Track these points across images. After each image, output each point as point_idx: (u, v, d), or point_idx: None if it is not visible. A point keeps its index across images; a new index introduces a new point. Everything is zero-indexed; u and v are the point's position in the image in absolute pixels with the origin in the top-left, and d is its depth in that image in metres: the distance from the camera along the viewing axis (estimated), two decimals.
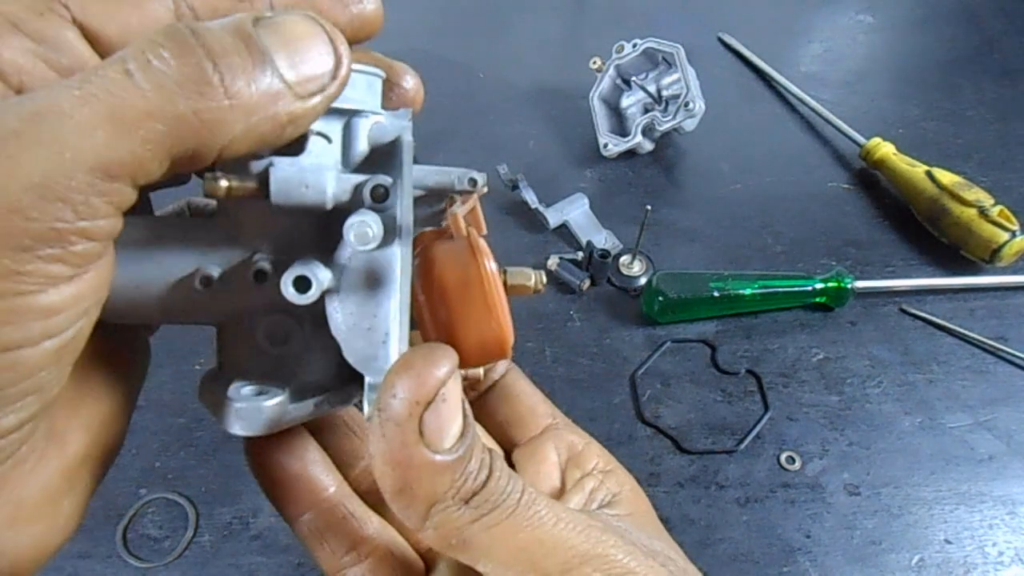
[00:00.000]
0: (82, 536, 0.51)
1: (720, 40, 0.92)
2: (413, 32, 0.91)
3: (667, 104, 0.74)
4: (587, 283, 0.65)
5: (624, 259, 0.67)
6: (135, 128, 0.17)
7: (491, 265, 0.24)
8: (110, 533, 0.51)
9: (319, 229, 0.23)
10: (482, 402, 0.33)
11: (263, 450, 0.29)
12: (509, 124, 0.81)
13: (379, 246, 0.21)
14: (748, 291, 0.62)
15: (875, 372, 0.61)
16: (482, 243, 0.25)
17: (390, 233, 0.22)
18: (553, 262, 0.65)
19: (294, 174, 0.21)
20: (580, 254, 0.66)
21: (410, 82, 0.27)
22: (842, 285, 0.62)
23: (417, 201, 0.25)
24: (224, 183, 0.20)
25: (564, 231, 0.70)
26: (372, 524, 0.29)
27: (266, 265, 0.22)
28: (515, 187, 0.70)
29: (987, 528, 0.52)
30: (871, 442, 0.57)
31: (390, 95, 0.26)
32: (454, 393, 0.21)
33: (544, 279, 0.27)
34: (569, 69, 0.85)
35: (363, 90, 0.24)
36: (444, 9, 0.97)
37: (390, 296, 0.22)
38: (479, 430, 0.24)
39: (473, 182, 0.25)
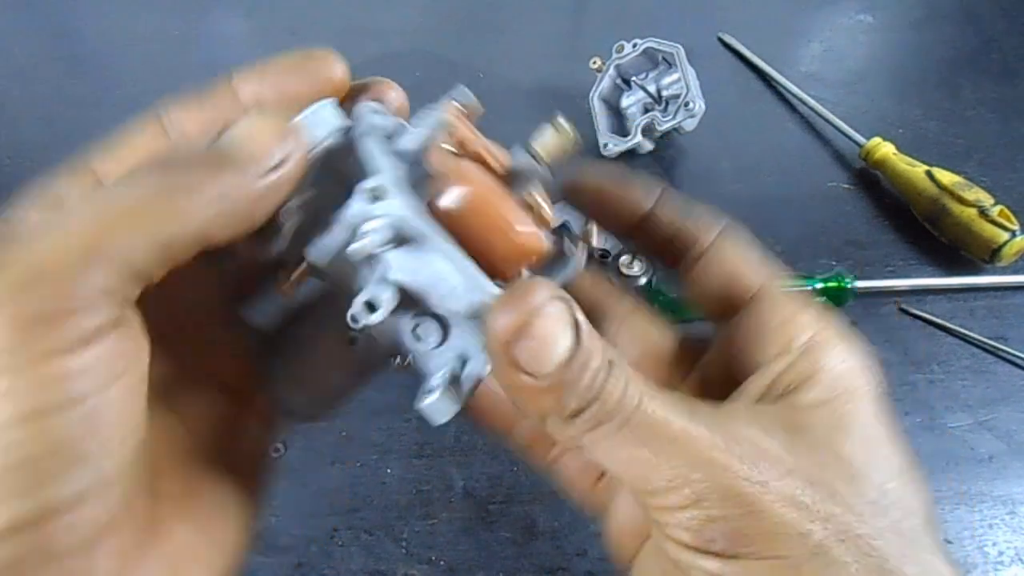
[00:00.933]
0: None
1: (720, 40, 0.92)
2: (413, 32, 0.91)
3: (667, 104, 0.74)
4: None
5: (624, 259, 0.67)
6: (113, 223, 0.21)
7: (477, 183, 0.26)
8: None
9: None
10: (691, 273, 0.31)
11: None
12: (509, 124, 0.80)
13: (402, 246, 0.24)
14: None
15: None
16: (465, 167, 0.26)
17: (398, 236, 0.24)
18: None
19: (323, 243, 0.25)
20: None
21: (396, 95, 0.30)
22: (842, 285, 0.62)
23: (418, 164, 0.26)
24: (284, 284, 0.25)
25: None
26: None
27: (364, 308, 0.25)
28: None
29: (987, 528, 0.52)
30: None
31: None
32: (548, 325, 0.23)
33: (570, 131, 0.29)
34: (569, 69, 0.85)
35: (333, 120, 0.26)
36: (444, 9, 0.97)
37: (437, 260, 0.24)
38: (596, 339, 0.23)
39: (464, 107, 0.27)
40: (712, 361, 0.31)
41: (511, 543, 0.50)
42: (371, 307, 0.24)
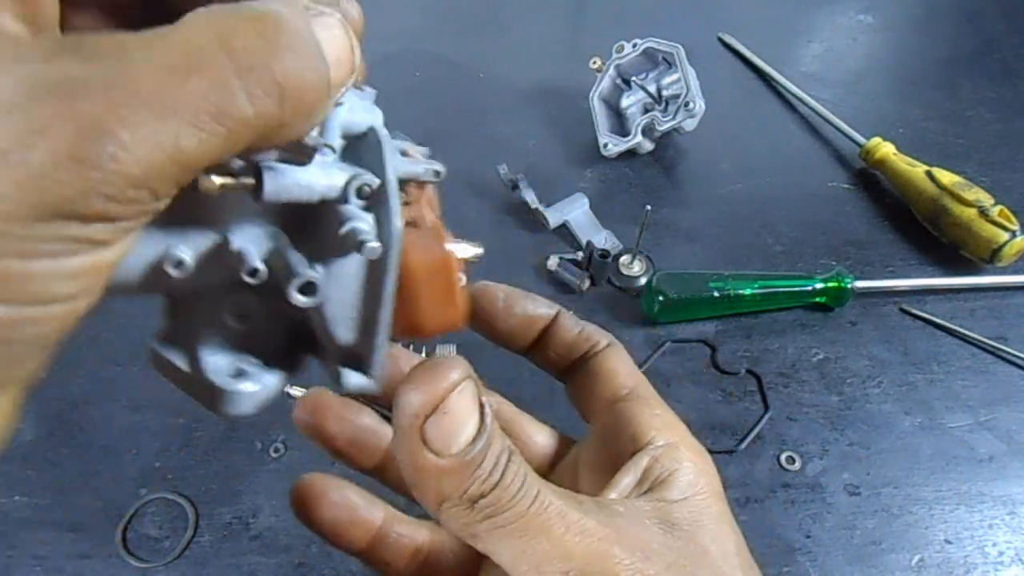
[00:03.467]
0: (82, 536, 0.51)
1: (720, 40, 0.92)
2: (413, 32, 0.91)
3: (667, 104, 0.74)
4: (587, 283, 0.65)
5: (624, 259, 0.67)
6: (234, 133, 0.18)
7: (455, 252, 0.25)
8: (110, 533, 0.51)
9: (296, 217, 0.23)
10: (574, 378, 0.34)
11: (311, 511, 0.33)
12: (509, 124, 0.81)
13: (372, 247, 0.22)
14: (748, 291, 0.62)
15: (875, 372, 0.61)
16: (444, 229, 0.26)
17: (384, 237, 0.23)
18: (553, 262, 0.65)
19: (288, 175, 0.22)
20: (580, 254, 0.66)
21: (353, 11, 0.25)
22: (842, 285, 0.62)
23: None
24: (219, 181, 0.20)
25: (564, 231, 0.70)
26: (422, 532, 0.34)
27: (258, 264, 0.22)
28: (515, 187, 0.70)
29: (987, 528, 0.52)
30: (871, 442, 0.57)
31: None
32: (460, 404, 0.23)
33: (480, 248, 0.28)
34: (569, 69, 0.85)
35: (372, 113, 0.25)
36: (444, 9, 0.97)
37: (378, 293, 0.23)
38: (495, 429, 0.24)
39: (437, 174, 0.26)
40: (581, 453, 0.34)
41: None
42: (310, 290, 0.22)
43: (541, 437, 0.36)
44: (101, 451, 0.55)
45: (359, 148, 0.24)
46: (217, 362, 0.24)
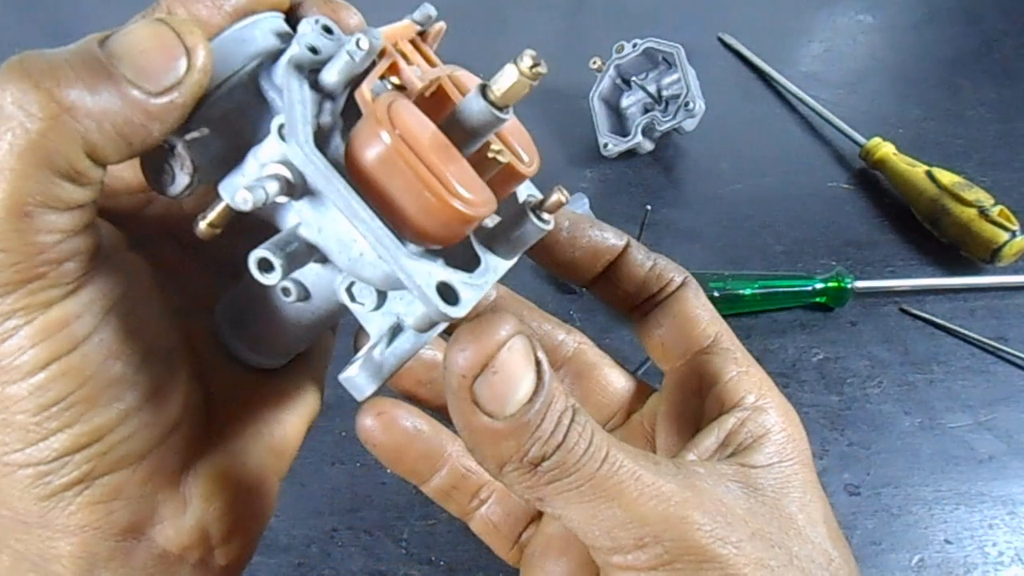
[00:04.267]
0: None
1: (720, 40, 0.92)
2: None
3: (667, 104, 0.74)
4: None
5: None
6: (11, 174, 0.19)
7: (403, 129, 0.21)
8: None
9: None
10: (647, 319, 0.31)
11: (383, 438, 0.32)
12: None
13: (299, 197, 0.21)
14: (748, 291, 0.62)
15: (875, 372, 0.61)
16: (396, 109, 0.21)
17: (299, 186, 0.21)
18: None
19: (237, 182, 0.22)
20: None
21: (353, 19, 0.25)
22: (842, 285, 0.62)
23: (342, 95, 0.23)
24: (203, 223, 0.21)
25: None
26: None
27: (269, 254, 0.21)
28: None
29: (987, 528, 0.52)
30: (871, 442, 0.57)
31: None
32: (511, 362, 0.21)
33: (533, 68, 0.22)
34: (569, 69, 0.85)
35: (263, 41, 0.22)
36: (444, 9, 0.96)
37: (341, 219, 0.21)
38: (556, 385, 0.22)
39: (362, 44, 0.21)
40: (660, 406, 0.31)
41: None
42: (266, 265, 0.21)
43: (620, 382, 0.33)
44: None
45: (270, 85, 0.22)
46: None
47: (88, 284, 0.21)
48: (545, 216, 0.25)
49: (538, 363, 0.22)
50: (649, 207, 0.62)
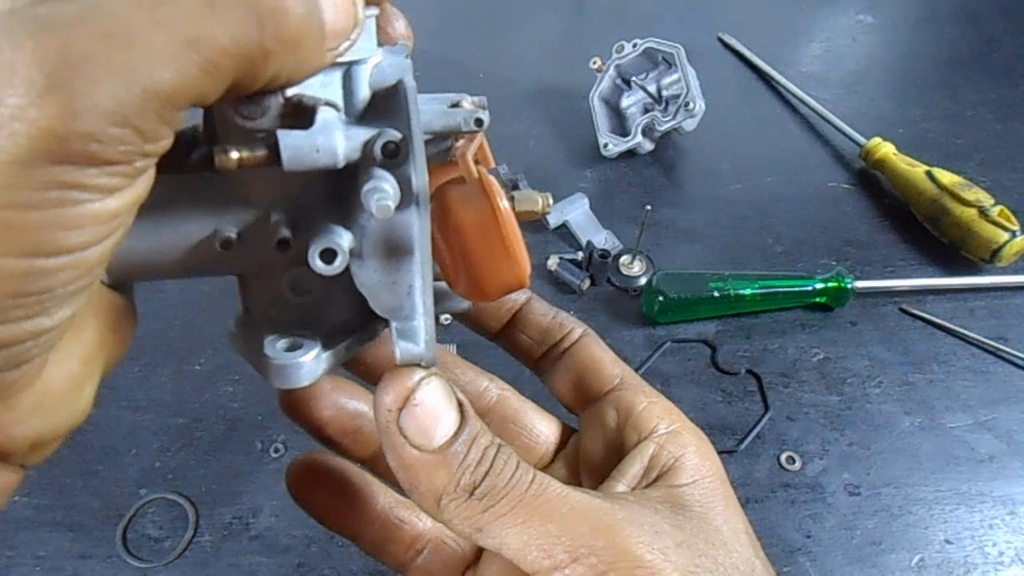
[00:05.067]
0: (82, 536, 0.51)
1: (720, 40, 0.92)
2: (414, 32, 0.91)
3: (667, 104, 0.74)
4: (587, 283, 0.65)
5: (624, 259, 0.67)
6: (211, 63, 0.17)
7: (504, 204, 0.24)
8: (110, 533, 0.51)
9: (331, 185, 0.23)
10: (555, 367, 0.33)
11: (313, 494, 0.32)
12: (509, 124, 0.81)
13: (398, 208, 0.21)
14: (748, 291, 0.62)
15: (875, 372, 0.61)
16: (493, 182, 0.25)
17: (407, 195, 0.22)
18: (553, 262, 0.65)
19: (304, 139, 0.21)
20: (580, 254, 0.66)
21: (400, 27, 0.27)
22: (842, 285, 0.62)
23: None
24: (235, 155, 0.20)
25: (564, 231, 0.70)
26: (423, 520, 0.33)
27: (286, 232, 0.22)
28: (515, 187, 0.70)
29: (987, 528, 0.52)
30: (871, 442, 0.57)
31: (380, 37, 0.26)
32: (430, 396, 0.24)
33: (551, 200, 0.27)
34: (569, 69, 0.85)
35: (401, 65, 0.24)
36: (444, 9, 0.97)
37: (411, 254, 0.23)
38: (477, 422, 0.25)
39: (479, 122, 0.25)
40: (581, 444, 0.33)
41: None
42: (330, 256, 0.22)
43: (544, 427, 0.35)
44: (101, 451, 0.55)
45: (387, 105, 0.23)
46: (276, 339, 0.25)
47: (141, 181, 0.18)
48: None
49: (460, 402, 0.24)
50: (649, 207, 0.62)
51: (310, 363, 0.24)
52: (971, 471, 0.55)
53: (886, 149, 0.73)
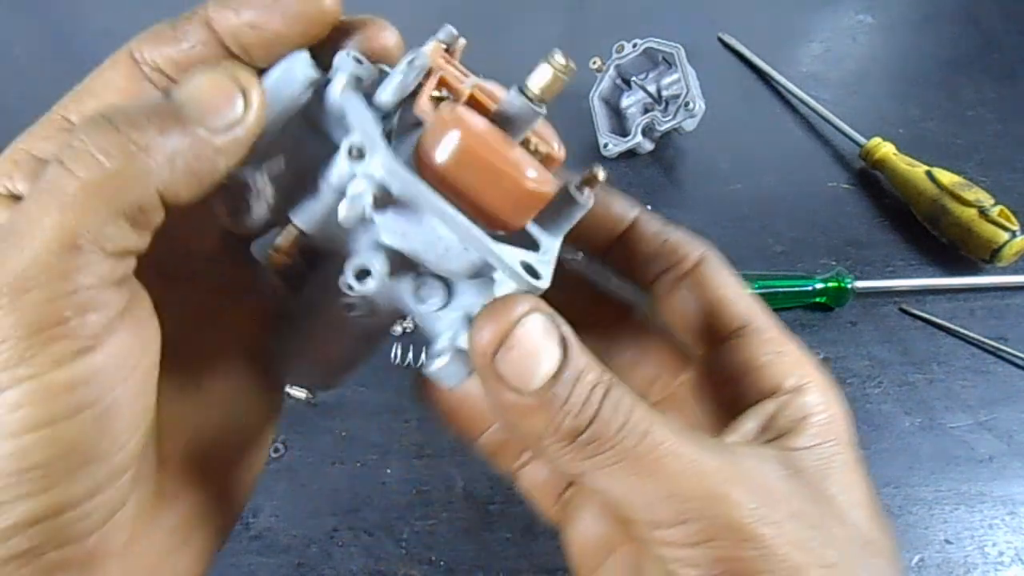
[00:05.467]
0: None
1: (720, 40, 0.92)
2: (413, 32, 0.91)
3: (667, 104, 0.74)
4: None
5: None
6: (75, 206, 0.20)
7: (472, 128, 0.23)
8: None
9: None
10: (669, 297, 0.30)
11: (439, 396, 0.31)
12: None
13: (389, 193, 0.22)
14: (748, 291, 0.62)
15: (875, 372, 0.61)
16: (455, 113, 0.23)
17: (384, 197, 0.22)
18: None
19: (309, 207, 0.23)
20: (580, 254, 0.66)
21: (391, 38, 0.27)
22: (842, 285, 0.62)
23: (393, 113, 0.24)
24: (272, 251, 0.24)
25: None
26: None
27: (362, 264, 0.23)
28: None
29: (987, 528, 0.52)
30: (871, 442, 0.57)
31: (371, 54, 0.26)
32: (528, 336, 0.22)
33: (566, 65, 0.25)
34: None
35: (303, 75, 0.24)
36: (444, 9, 0.97)
37: (429, 218, 0.23)
38: (589, 358, 0.23)
39: (449, 41, 0.25)
40: (696, 388, 0.31)
41: (511, 543, 0.50)
42: (364, 274, 0.23)
43: (660, 350, 0.32)
44: None
45: (321, 115, 0.24)
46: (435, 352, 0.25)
47: (104, 345, 0.20)
48: (586, 191, 0.27)
49: (563, 339, 0.22)
50: (649, 207, 0.61)
51: (463, 363, 0.25)
52: (971, 471, 0.55)
53: (886, 149, 0.74)
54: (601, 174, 0.27)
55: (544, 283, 0.24)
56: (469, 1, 0.98)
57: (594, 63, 0.75)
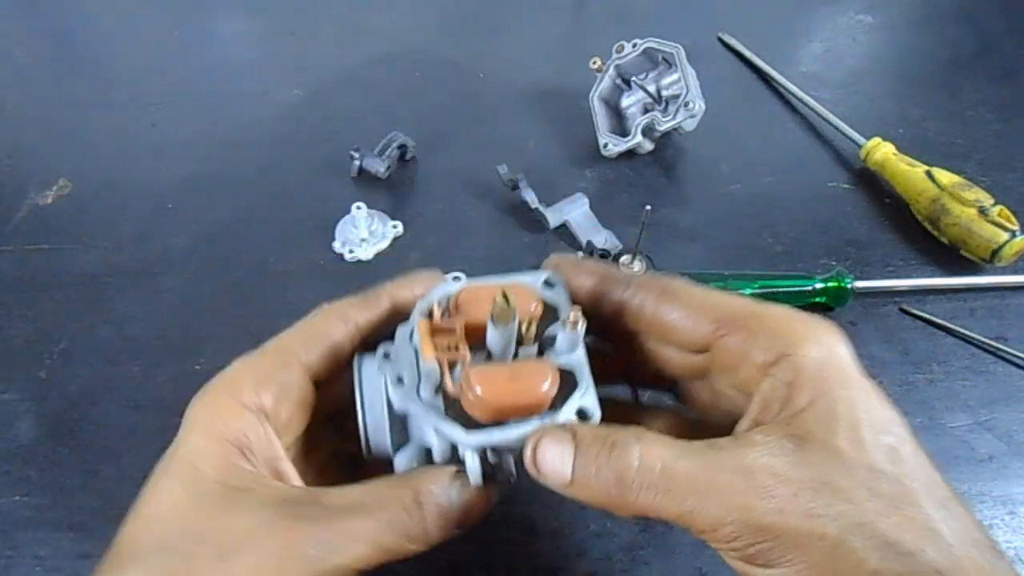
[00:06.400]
0: (82, 536, 0.51)
1: (720, 40, 0.92)
2: (413, 32, 0.91)
3: (667, 104, 0.74)
4: None
5: (624, 259, 0.67)
6: (382, 554, 0.30)
7: (484, 385, 0.31)
8: (110, 533, 0.51)
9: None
10: (657, 321, 0.35)
11: None
12: (509, 124, 0.81)
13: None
14: (748, 291, 0.62)
15: (875, 372, 0.61)
16: (471, 379, 0.31)
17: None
18: None
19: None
20: (580, 254, 0.66)
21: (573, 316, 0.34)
22: (842, 285, 0.62)
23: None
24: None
25: (564, 231, 0.70)
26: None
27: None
28: (515, 187, 0.70)
29: (987, 528, 0.52)
30: None
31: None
32: (545, 453, 0.30)
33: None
34: (569, 69, 0.85)
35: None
36: (444, 9, 0.97)
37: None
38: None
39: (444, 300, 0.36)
40: (710, 396, 0.36)
41: (511, 543, 0.50)
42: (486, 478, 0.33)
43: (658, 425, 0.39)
44: (101, 451, 0.55)
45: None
46: None
47: None
48: (569, 327, 0.34)
49: (574, 435, 0.30)
50: (649, 207, 0.61)
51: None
52: (971, 471, 0.55)
53: (886, 149, 0.74)
54: (575, 316, 0.33)
55: (596, 416, 0.32)
56: (469, 1, 0.98)
57: (594, 63, 0.75)
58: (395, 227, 0.69)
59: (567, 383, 0.33)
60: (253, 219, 0.71)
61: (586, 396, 0.32)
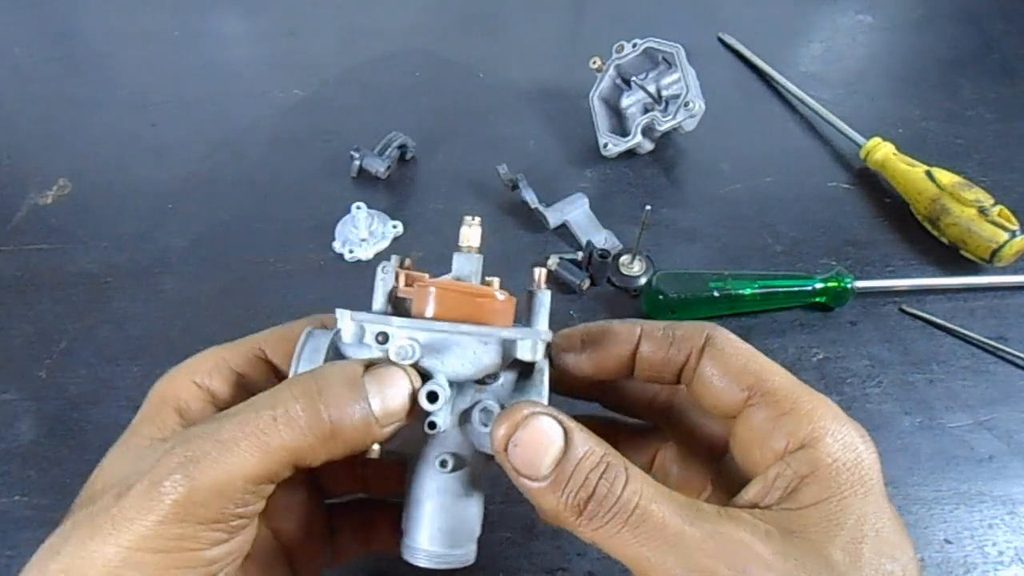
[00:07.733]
0: None
1: (720, 40, 0.92)
2: (413, 32, 0.91)
3: (667, 104, 0.74)
4: (587, 283, 0.65)
5: (624, 259, 0.67)
6: (274, 456, 0.27)
7: (441, 283, 0.33)
8: None
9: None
10: (694, 381, 0.32)
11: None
12: (509, 124, 0.81)
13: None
14: (748, 291, 0.62)
15: (875, 372, 0.61)
16: (427, 280, 0.33)
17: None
18: (553, 262, 0.65)
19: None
20: (580, 254, 0.66)
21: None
22: (842, 285, 0.62)
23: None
24: (375, 452, 0.31)
25: (564, 231, 0.70)
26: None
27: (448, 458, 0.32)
28: (515, 187, 0.70)
29: (987, 528, 0.52)
30: None
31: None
32: (529, 435, 0.27)
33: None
34: (569, 69, 0.85)
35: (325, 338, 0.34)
36: (444, 9, 0.97)
37: (453, 341, 0.32)
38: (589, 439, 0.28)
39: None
40: (727, 461, 0.34)
41: (511, 543, 0.50)
42: (433, 396, 0.30)
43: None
44: (101, 451, 0.55)
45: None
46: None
47: (239, 536, 0.29)
48: (544, 287, 0.35)
49: (566, 431, 0.27)
50: (649, 207, 0.61)
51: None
52: (971, 471, 0.55)
53: (886, 149, 0.74)
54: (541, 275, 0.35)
55: (546, 331, 0.32)
56: (469, 1, 0.98)
57: (594, 63, 0.75)
58: (395, 227, 0.69)
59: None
60: (253, 219, 0.71)
61: (537, 346, 0.31)
